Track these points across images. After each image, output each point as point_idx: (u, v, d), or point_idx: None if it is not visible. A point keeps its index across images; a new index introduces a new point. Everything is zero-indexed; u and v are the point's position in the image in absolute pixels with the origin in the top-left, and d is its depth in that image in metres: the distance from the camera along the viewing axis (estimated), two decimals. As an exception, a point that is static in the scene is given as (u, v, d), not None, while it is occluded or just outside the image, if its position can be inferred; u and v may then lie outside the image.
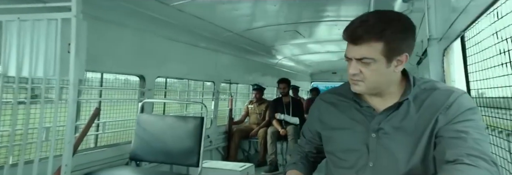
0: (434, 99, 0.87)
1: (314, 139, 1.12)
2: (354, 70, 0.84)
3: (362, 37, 0.79)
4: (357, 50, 0.82)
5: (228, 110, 4.24)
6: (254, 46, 4.27)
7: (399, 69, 0.84)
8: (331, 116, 1.03)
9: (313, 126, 1.11)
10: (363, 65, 0.82)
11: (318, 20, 3.25)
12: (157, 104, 3.19)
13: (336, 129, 1.00)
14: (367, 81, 0.85)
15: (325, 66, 7.05)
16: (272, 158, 3.89)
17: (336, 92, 1.06)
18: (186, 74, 3.39)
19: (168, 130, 2.52)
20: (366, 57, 0.80)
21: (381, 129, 0.89)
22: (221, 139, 4.12)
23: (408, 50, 0.82)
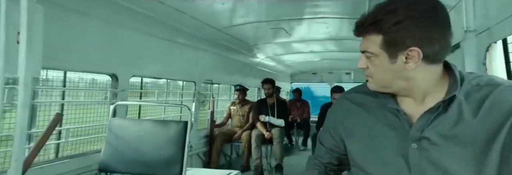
0: (500, 98, 0.69)
1: (337, 148, 0.92)
2: (360, 65, 0.77)
3: (358, 29, 0.73)
4: (361, 42, 0.75)
5: (209, 112, 3.92)
6: (237, 44, 4.00)
7: (412, 66, 0.69)
8: (359, 120, 0.85)
9: (336, 131, 0.91)
10: (367, 59, 0.74)
11: (308, 17, 3.04)
12: (131, 107, 2.82)
13: (365, 136, 0.83)
14: (374, 78, 0.76)
15: (305, 67, 6.91)
16: (257, 163, 3.63)
17: (364, 90, 0.86)
18: (164, 73, 3.04)
19: (146, 136, 2.19)
20: (367, 51, 0.73)
21: (425, 138, 0.72)
22: (202, 144, 3.79)
23: (419, 45, 0.67)
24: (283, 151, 3.74)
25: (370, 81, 0.78)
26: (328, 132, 0.95)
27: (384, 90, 0.77)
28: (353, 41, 3.96)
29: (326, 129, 0.97)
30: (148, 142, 2.18)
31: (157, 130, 2.18)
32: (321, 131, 1.02)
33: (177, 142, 2.17)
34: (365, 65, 0.76)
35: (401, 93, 0.76)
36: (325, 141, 0.97)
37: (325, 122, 1.00)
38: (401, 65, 0.70)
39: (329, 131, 0.95)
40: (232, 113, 4.21)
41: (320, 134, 1.01)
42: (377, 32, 0.69)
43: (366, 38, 0.72)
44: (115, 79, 2.44)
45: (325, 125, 0.99)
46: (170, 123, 2.24)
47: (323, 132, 1.00)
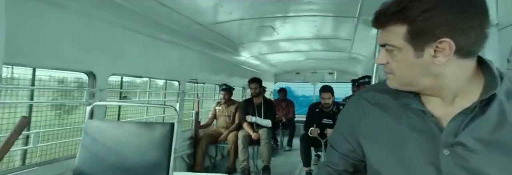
0: None
1: (353, 153, 0.82)
2: (380, 60, 0.68)
3: (379, 19, 0.64)
4: (381, 35, 0.66)
5: (194, 113, 3.72)
6: (223, 42, 3.82)
7: (442, 61, 0.60)
8: (379, 122, 0.75)
9: (352, 135, 0.81)
10: (388, 54, 0.65)
11: (297, 15, 2.92)
12: (109, 108, 2.59)
13: (386, 140, 0.73)
14: (396, 75, 0.66)
15: (289, 66, 6.83)
16: (244, 165, 3.48)
17: (383, 89, 0.76)
18: (147, 72, 2.82)
19: (128, 139, 2.00)
20: (387, 44, 0.64)
21: (460, 143, 0.62)
22: (186, 146, 3.59)
23: (451, 35, 0.58)
24: (270, 152, 3.62)
25: (390, 78, 0.69)
26: (342, 136, 0.84)
27: (407, 88, 0.68)
28: (339, 40, 3.91)
29: (340, 132, 0.85)
30: (130, 145, 1.99)
31: (140, 132, 1.99)
32: (332, 135, 0.90)
33: (163, 145, 2.00)
34: (385, 60, 0.66)
35: (427, 91, 0.67)
36: (339, 145, 0.86)
37: (338, 125, 0.88)
38: (429, 60, 0.61)
39: (343, 134, 0.84)
40: (217, 113, 4.03)
41: (332, 138, 0.89)
42: (402, 22, 0.60)
43: (388, 30, 0.63)
44: (92, 77, 2.21)
45: (338, 128, 0.88)
46: (154, 125, 2.06)
47: (335, 135, 0.88)
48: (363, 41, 3.71)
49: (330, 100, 3.25)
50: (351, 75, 7.03)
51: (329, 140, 0.90)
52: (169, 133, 1.98)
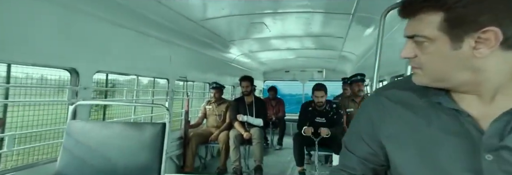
0: None
1: (374, 157, 0.73)
2: (406, 53, 0.60)
3: (409, 6, 0.57)
4: (409, 25, 0.59)
5: (183, 112, 3.58)
6: (213, 39, 3.69)
7: (484, 53, 0.53)
8: (404, 123, 0.67)
9: (373, 137, 0.72)
10: (417, 46, 0.58)
11: (292, 11, 2.83)
12: (92, 108, 2.42)
13: (415, 143, 0.65)
14: (426, 70, 0.59)
15: (279, 65, 6.76)
16: (236, 166, 3.37)
17: (407, 86, 0.68)
18: (134, 69, 2.66)
19: (115, 140, 1.86)
20: (417, 35, 0.57)
21: (507, 147, 0.55)
22: (176, 146, 3.45)
23: (499, 23, 0.50)
24: (262, 151, 3.52)
25: (418, 74, 0.61)
26: (361, 138, 0.75)
27: (438, 84, 0.60)
28: (331, 38, 3.84)
29: (358, 134, 0.76)
30: (118, 147, 1.85)
31: (129, 133, 1.85)
32: (348, 136, 0.82)
33: (153, 146, 1.87)
34: (412, 53, 0.59)
35: (461, 88, 0.59)
36: (356, 148, 0.77)
37: (354, 125, 0.80)
38: (468, 52, 0.53)
39: (362, 136, 0.75)
40: (207, 112, 3.89)
41: (348, 140, 0.80)
42: (437, 9, 0.53)
43: (418, 18, 0.56)
44: (75, 75, 2.04)
45: (354, 129, 0.79)
46: (144, 125, 1.92)
47: (352, 137, 0.79)
48: (356, 39, 3.67)
49: (323, 98, 3.18)
50: (340, 74, 7.03)
51: (344, 142, 0.81)
52: (161, 133, 1.86)
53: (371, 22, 2.85)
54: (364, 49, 3.94)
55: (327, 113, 3.23)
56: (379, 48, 1.65)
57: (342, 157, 0.81)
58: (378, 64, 1.65)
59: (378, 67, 1.65)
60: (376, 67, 1.66)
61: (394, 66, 2.70)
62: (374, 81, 1.67)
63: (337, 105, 3.23)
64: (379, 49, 1.65)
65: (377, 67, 1.66)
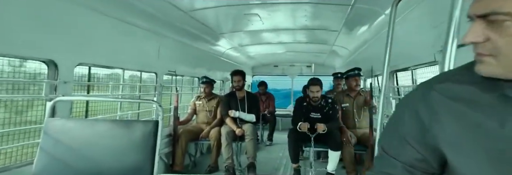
0: None
1: (423, 163, 0.61)
2: (474, 37, 0.49)
3: None
4: (480, 0, 0.47)
5: (172, 108, 3.38)
6: (204, 31, 3.49)
7: None
8: (466, 123, 0.54)
9: (423, 139, 0.60)
10: (491, 27, 0.47)
11: (288, 2, 2.67)
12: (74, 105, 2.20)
13: (485, 148, 0.53)
14: (502, 57, 0.48)
15: (268, 59, 6.61)
16: (228, 164, 3.22)
17: (466, 79, 0.56)
18: (119, 62, 2.44)
19: (102, 140, 1.68)
20: (496, 12, 0.45)
21: None
22: (164, 144, 3.26)
23: None
24: (256, 148, 3.40)
25: (488, 63, 0.50)
26: (405, 140, 0.62)
27: None
28: (325, 31, 3.73)
29: (401, 136, 0.63)
30: (105, 147, 1.67)
31: (117, 132, 1.67)
32: (387, 139, 0.69)
33: (144, 146, 1.71)
34: (481, 37, 0.48)
35: None
36: (400, 153, 0.64)
37: (394, 125, 0.67)
38: None
39: (407, 138, 0.62)
40: (197, 108, 3.71)
41: (388, 143, 0.67)
42: None
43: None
44: (53, 67, 1.82)
45: (395, 130, 0.66)
46: (134, 123, 1.74)
47: (393, 140, 0.66)
48: (351, 33, 3.58)
49: (319, 93, 3.07)
50: (329, 69, 6.98)
51: (382, 145, 0.68)
52: (153, 132, 1.69)
53: (370, 15, 2.74)
54: (358, 43, 3.86)
55: (322, 108, 3.13)
56: (390, 38, 1.54)
57: (380, 163, 0.68)
58: (388, 56, 1.54)
59: (389, 59, 1.54)
60: (386, 60, 1.55)
61: (393, 60, 2.62)
62: (384, 74, 1.56)
63: (332, 100, 3.13)
64: (390, 39, 1.54)
65: (388, 59, 1.54)
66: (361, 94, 3.21)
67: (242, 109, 3.55)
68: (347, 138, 2.95)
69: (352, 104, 3.21)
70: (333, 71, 6.96)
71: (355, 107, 3.20)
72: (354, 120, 3.18)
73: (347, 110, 3.23)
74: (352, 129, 3.14)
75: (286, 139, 3.09)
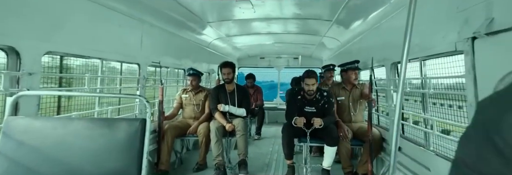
0: None
1: None
2: None
3: None
4: None
5: (157, 102, 3.10)
6: (190, 19, 3.19)
7: None
8: None
9: None
10: None
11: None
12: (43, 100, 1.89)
13: None
14: None
15: (254, 51, 6.37)
16: (218, 161, 3.01)
17: None
18: (97, 51, 2.13)
19: (76, 142, 1.42)
20: None
21: None
22: (149, 141, 2.99)
23: None
24: (247, 144, 3.20)
25: None
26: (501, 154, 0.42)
27: None
28: (319, 21, 3.53)
29: (496, 147, 0.43)
30: (81, 150, 1.43)
31: (96, 132, 1.42)
32: (468, 149, 0.48)
33: (130, 147, 1.48)
34: None
35: None
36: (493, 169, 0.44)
37: (481, 133, 0.46)
38: None
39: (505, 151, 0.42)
40: (184, 102, 3.44)
41: (472, 156, 0.47)
42: None
43: None
44: (14, 56, 1.50)
45: (484, 139, 0.46)
46: (117, 121, 1.48)
47: (481, 151, 0.46)
48: (345, 23, 3.40)
49: (314, 86, 2.90)
50: (316, 61, 6.85)
51: (462, 156, 0.48)
52: (140, 131, 1.45)
53: (369, 4, 2.56)
54: (352, 35, 3.70)
55: (318, 102, 2.96)
56: (410, 24, 1.36)
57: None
58: (408, 45, 1.36)
59: (408, 48, 1.36)
60: (406, 49, 1.37)
61: (394, 51, 2.47)
62: (403, 64, 1.38)
63: (328, 93, 2.97)
64: (410, 26, 1.35)
65: (407, 48, 1.36)
66: (357, 87, 3.07)
67: (232, 102, 3.32)
68: (344, 133, 2.82)
69: (348, 97, 3.07)
70: (320, 63, 6.86)
71: (351, 100, 3.05)
72: (350, 114, 3.04)
73: (342, 103, 3.08)
74: (348, 123, 3.01)
75: (274, 133, 2.91)
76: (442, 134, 1.76)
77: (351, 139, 2.87)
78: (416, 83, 2.46)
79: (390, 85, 2.57)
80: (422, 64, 1.96)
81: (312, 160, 2.91)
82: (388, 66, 2.53)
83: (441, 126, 1.88)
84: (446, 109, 1.89)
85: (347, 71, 3.01)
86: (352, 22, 3.28)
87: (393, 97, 2.48)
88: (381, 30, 2.79)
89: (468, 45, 1.29)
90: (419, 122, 2.26)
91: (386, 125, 3.02)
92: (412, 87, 2.48)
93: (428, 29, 1.75)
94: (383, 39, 2.75)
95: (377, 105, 3.04)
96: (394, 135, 1.33)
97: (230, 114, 3.28)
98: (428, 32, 1.75)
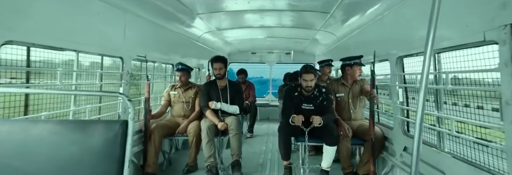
0: None
1: None
2: None
3: None
4: None
5: (143, 100, 2.84)
6: (179, 9, 2.92)
7: None
8: None
9: None
10: None
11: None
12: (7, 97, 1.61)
13: None
14: None
15: (245, 45, 6.12)
16: (210, 163, 2.78)
17: None
18: (73, 42, 1.85)
19: (43, 148, 1.18)
20: None
21: None
22: (134, 142, 2.74)
23: None
24: (241, 144, 2.98)
25: None
26: None
27: None
28: (315, 13, 3.31)
29: None
30: (49, 158, 1.17)
31: (69, 136, 1.18)
32: None
33: (109, 154, 1.24)
34: None
35: None
36: None
37: None
38: None
39: None
40: (172, 99, 3.18)
41: None
42: None
43: None
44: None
45: None
46: (93, 124, 1.23)
47: None
48: (343, 15, 3.20)
49: (313, 82, 2.70)
50: (309, 56, 6.66)
51: None
52: (121, 135, 1.20)
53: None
54: (350, 29, 3.51)
55: (316, 99, 2.77)
56: (435, 13, 1.16)
57: None
58: (433, 33, 1.16)
59: (433, 38, 1.16)
60: (431, 38, 1.17)
61: (399, 45, 2.30)
62: (427, 55, 1.18)
63: (327, 90, 2.78)
64: (436, 15, 1.15)
65: (432, 37, 1.16)
66: (357, 83, 2.89)
67: (224, 99, 3.09)
68: (344, 132, 2.64)
69: (348, 93, 2.89)
70: (313, 59, 6.68)
71: (350, 97, 2.87)
72: (350, 111, 2.86)
73: (342, 100, 2.90)
74: (347, 121, 2.83)
75: (266, 130, 2.70)
76: (464, 135, 1.59)
77: (351, 137, 2.70)
78: (413, 79, 2.30)
79: (395, 81, 2.39)
80: (436, 57, 1.78)
81: (310, 160, 2.72)
82: (393, 60, 2.35)
83: (456, 126, 1.72)
84: (460, 107, 1.72)
85: (353, 67, 2.81)
86: (351, 14, 3.08)
87: (399, 93, 2.31)
88: (384, 22, 2.61)
89: (505, 33, 1.10)
90: (427, 119, 2.10)
91: (387, 122, 2.86)
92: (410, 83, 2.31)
93: (445, 18, 1.57)
94: (386, 32, 2.57)
95: (380, 102, 2.87)
96: (416, 142, 1.13)
97: (222, 112, 3.05)
98: (445, 21, 1.56)
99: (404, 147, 2.25)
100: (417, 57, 2.10)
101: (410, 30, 2.10)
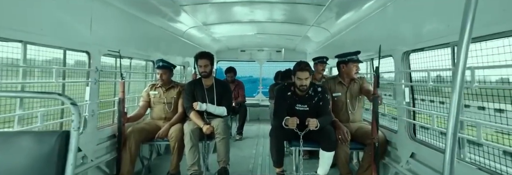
0: None
1: None
2: None
3: None
4: None
5: (117, 100, 2.49)
6: (160, 0, 2.58)
7: None
8: None
9: None
10: None
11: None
12: None
13: None
14: None
15: (234, 43, 5.80)
16: (194, 171, 2.47)
17: None
18: (16, 31, 1.49)
19: None
20: None
21: None
22: (105, 149, 2.39)
23: None
24: (228, 149, 2.67)
25: None
26: None
27: None
28: (310, 6, 3.02)
29: None
30: None
31: None
32: None
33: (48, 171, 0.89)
34: None
35: None
36: None
37: None
38: None
39: None
40: (152, 100, 2.84)
41: None
42: None
43: None
44: None
45: None
46: (18, 136, 0.90)
47: None
48: (339, 9, 2.92)
49: (307, 80, 2.41)
50: (300, 54, 6.39)
51: None
52: (57, 150, 0.88)
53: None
54: (346, 23, 3.25)
55: (311, 99, 2.49)
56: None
57: None
58: (471, 21, 0.88)
59: (471, 28, 0.88)
60: (468, 27, 0.88)
61: (406, 39, 2.03)
62: (463, 48, 0.90)
63: (322, 89, 2.50)
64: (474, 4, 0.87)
65: (470, 27, 0.88)
66: (355, 81, 2.62)
67: (210, 100, 2.77)
68: (343, 136, 2.36)
69: (346, 93, 2.61)
70: (304, 57, 6.41)
71: (348, 97, 2.60)
72: (348, 112, 2.59)
73: (339, 100, 2.62)
74: (345, 123, 2.56)
75: (256, 132, 2.40)
76: (494, 143, 1.33)
77: (350, 141, 2.43)
78: (422, 77, 2.04)
79: (400, 79, 2.12)
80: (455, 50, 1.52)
81: (305, 166, 2.44)
82: (399, 56, 2.08)
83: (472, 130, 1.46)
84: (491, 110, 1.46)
85: (348, 64, 2.54)
86: (348, 7, 2.81)
87: (405, 92, 2.04)
88: (386, 15, 2.34)
89: None
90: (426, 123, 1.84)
91: (390, 125, 2.60)
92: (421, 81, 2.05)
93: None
94: (389, 26, 2.30)
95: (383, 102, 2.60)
96: (448, 157, 0.85)
97: (208, 114, 2.73)
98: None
99: (412, 153, 1.98)
100: (422, 52, 1.84)
101: (418, 22, 1.83)
